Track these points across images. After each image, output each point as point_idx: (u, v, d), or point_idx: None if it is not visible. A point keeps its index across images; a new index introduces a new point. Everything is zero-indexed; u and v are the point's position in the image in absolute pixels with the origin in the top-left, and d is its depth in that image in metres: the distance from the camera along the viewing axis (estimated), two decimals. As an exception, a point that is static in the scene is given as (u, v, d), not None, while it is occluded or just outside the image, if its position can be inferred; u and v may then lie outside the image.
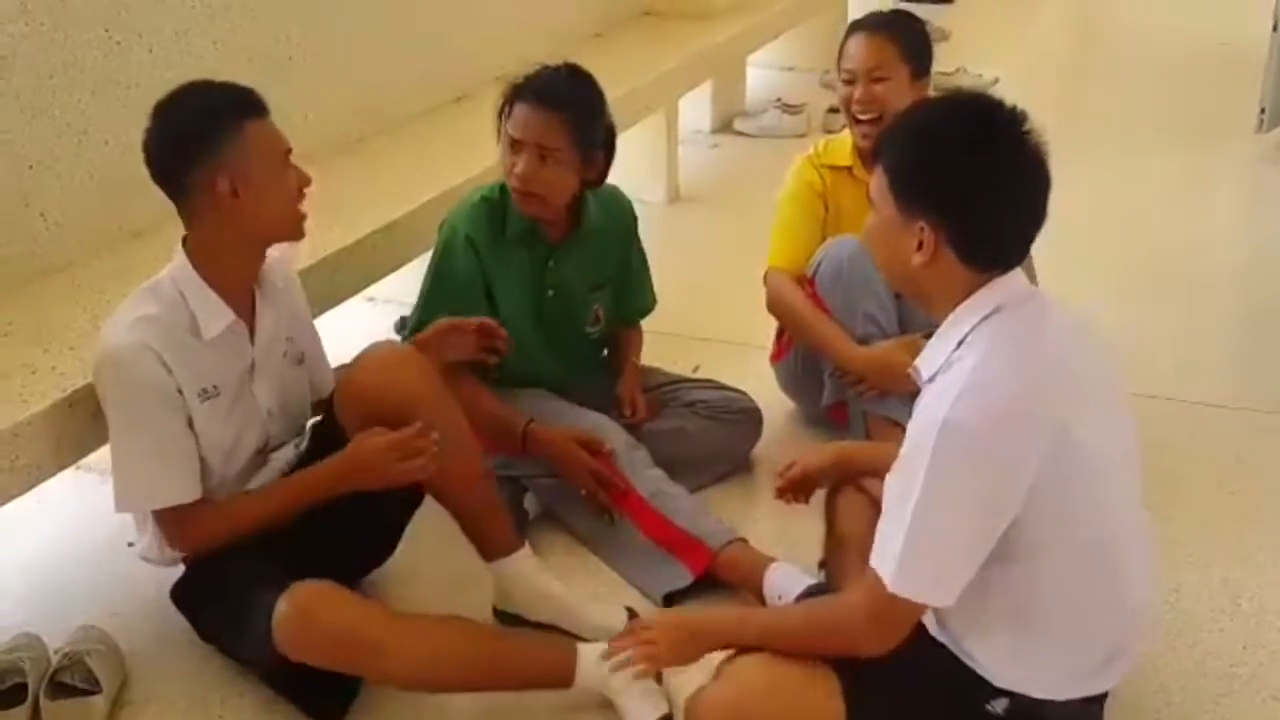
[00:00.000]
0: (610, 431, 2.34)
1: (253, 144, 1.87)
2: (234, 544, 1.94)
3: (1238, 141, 4.58)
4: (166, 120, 1.89)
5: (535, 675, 1.89)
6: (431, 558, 2.24)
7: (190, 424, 1.91)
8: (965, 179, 1.54)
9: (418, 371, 2.03)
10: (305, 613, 1.77)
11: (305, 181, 1.95)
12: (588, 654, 1.88)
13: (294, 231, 1.98)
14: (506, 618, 2.08)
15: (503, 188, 2.35)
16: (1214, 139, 4.74)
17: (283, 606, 1.77)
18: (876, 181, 1.62)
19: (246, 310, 1.99)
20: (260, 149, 1.89)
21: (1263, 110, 4.49)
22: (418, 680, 1.86)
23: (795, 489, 2.08)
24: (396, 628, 1.83)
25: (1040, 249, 2.26)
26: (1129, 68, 5.99)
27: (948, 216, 1.54)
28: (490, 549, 2.07)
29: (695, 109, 4.77)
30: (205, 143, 1.86)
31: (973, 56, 5.66)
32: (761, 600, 2.10)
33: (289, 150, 1.94)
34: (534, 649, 1.94)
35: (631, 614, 2.04)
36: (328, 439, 2.04)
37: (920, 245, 1.55)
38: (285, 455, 2.08)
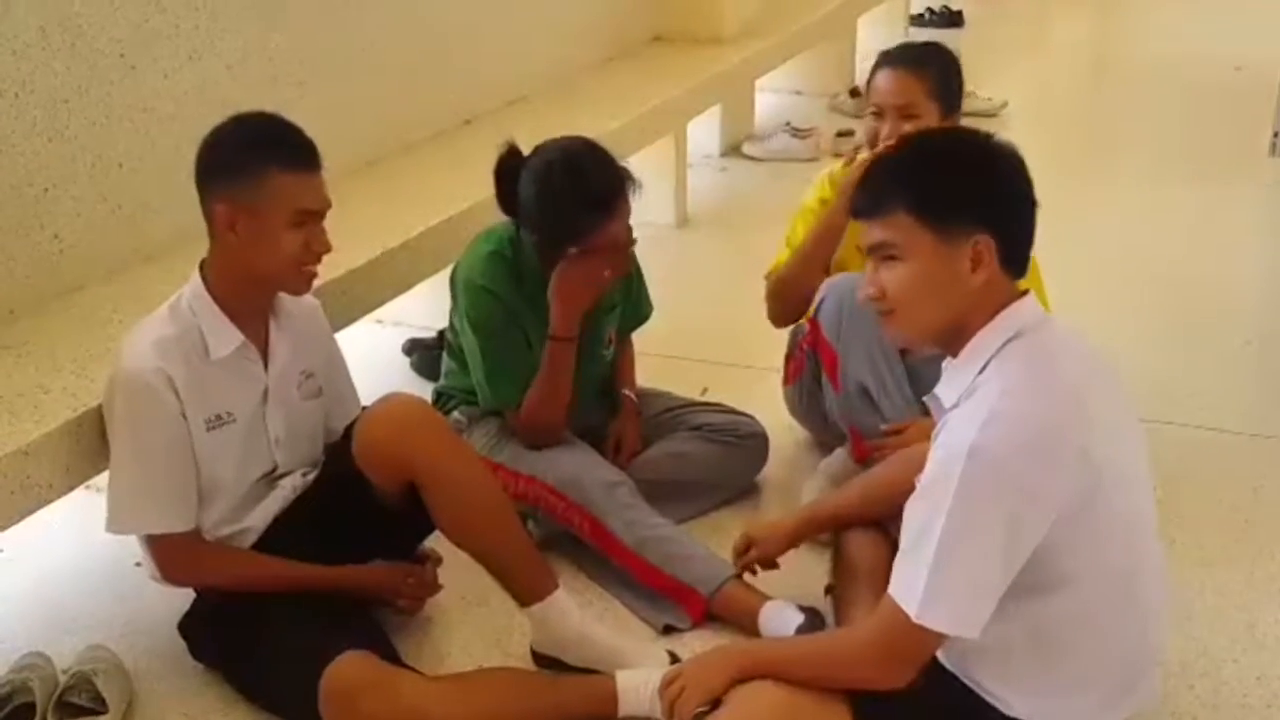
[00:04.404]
0: (592, 471, 2.30)
1: (269, 190, 1.86)
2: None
3: (1252, 166, 4.58)
4: (215, 131, 1.93)
5: (579, 712, 1.90)
6: (467, 602, 2.22)
7: (192, 452, 1.92)
8: (996, 180, 1.58)
9: (431, 426, 2.03)
10: (349, 699, 1.78)
11: (322, 248, 1.93)
12: (627, 681, 1.89)
13: (291, 286, 1.97)
14: (544, 659, 2.04)
15: (510, 240, 2.35)
16: (1228, 163, 4.73)
17: (327, 686, 1.78)
18: (893, 227, 1.57)
19: (259, 337, 2.00)
20: (275, 197, 1.87)
21: (1275, 134, 4.48)
22: None
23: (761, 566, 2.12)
24: (443, 698, 1.83)
25: (1054, 273, 2.27)
26: (1142, 91, 6.00)
27: (1000, 219, 1.56)
28: (524, 595, 2.01)
29: (704, 132, 4.78)
30: (226, 168, 1.88)
31: (982, 80, 5.66)
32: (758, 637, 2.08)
33: (317, 212, 1.92)
34: (577, 688, 1.94)
35: (673, 658, 1.99)
36: (339, 478, 2.05)
37: (978, 261, 1.55)
38: (293, 481, 2.08)
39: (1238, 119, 5.10)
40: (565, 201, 2.23)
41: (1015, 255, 1.59)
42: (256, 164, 1.87)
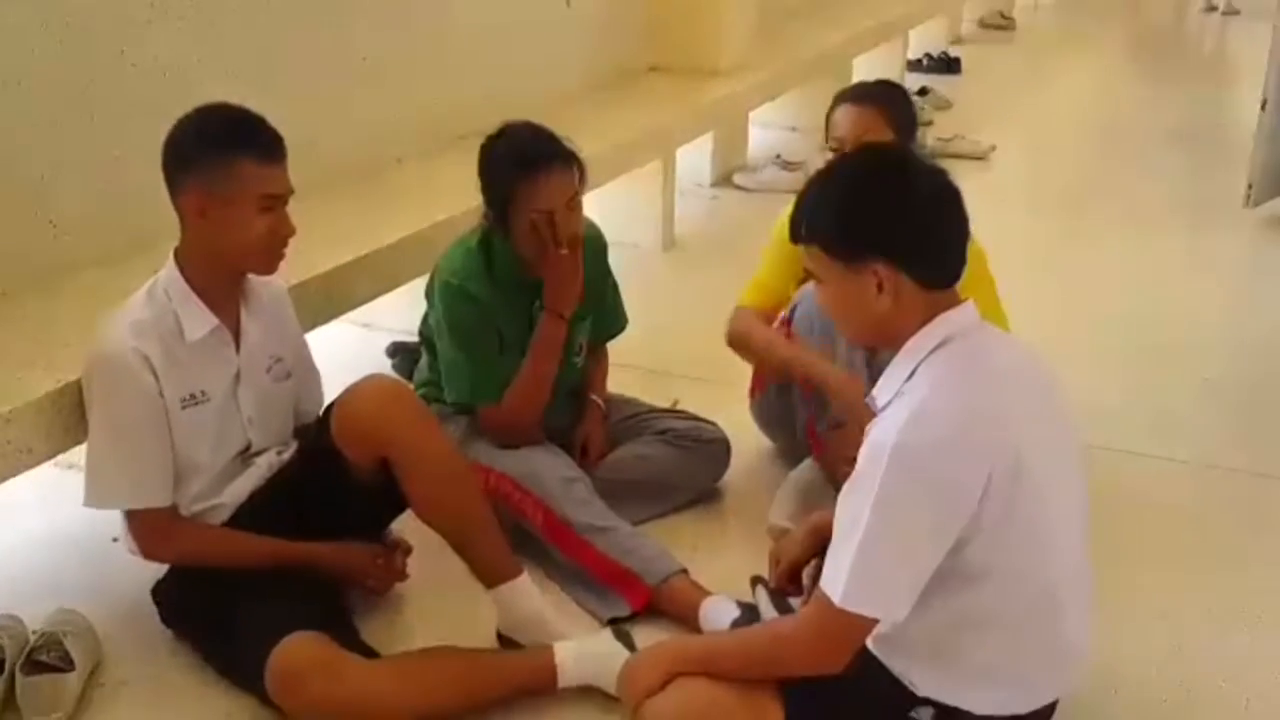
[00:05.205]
0: (553, 467, 2.36)
1: (234, 177, 1.94)
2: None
3: (1229, 216, 4.66)
4: (181, 123, 2.00)
5: (521, 685, 1.97)
6: (436, 586, 2.27)
7: (169, 430, 1.99)
8: (894, 207, 1.63)
9: (408, 404, 2.12)
10: (297, 679, 1.84)
11: (287, 231, 2.01)
12: (565, 652, 1.96)
13: (259, 268, 2.06)
14: (509, 643, 2.11)
15: (482, 239, 2.43)
16: (1205, 214, 4.81)
17: (274, 664, 1.84)
18: (811, 256, 1.69)
19: (231, 320, 2.07)
20: (240, 185, 1.94)
21: (1250, 186, 4.59)
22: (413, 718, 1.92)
23: (793, 581, 2.09)
24: (388, 678, 1.90)
25: (1027, 310, 2.31)
26: (1125, 141, 6.11)
27: (895, 247, 1.62)
28: (490, 576, 2.09)
29: (697, 162, 4.88)
30: (195, 156, 1.96)
31: (975, 125, 5.79)
32: (699, 633, 2.13)
33: (279, 197, 1.99)
34: (518, 661, 2.01)
35: (621, 635, 2.04)
36: (318, 455, 2.12)
37: (880, 287, 1.62)
38: (268, 459, 2.15)
39: (1216, 170, 5.21)
40: (499, 163, 2.36)
41: (929, 275, 1.64)
42: (227, 156, 1.94)
